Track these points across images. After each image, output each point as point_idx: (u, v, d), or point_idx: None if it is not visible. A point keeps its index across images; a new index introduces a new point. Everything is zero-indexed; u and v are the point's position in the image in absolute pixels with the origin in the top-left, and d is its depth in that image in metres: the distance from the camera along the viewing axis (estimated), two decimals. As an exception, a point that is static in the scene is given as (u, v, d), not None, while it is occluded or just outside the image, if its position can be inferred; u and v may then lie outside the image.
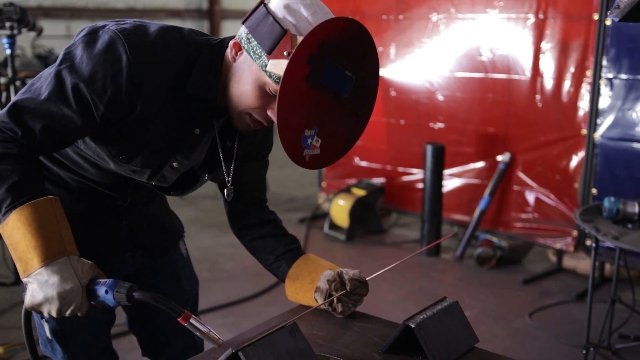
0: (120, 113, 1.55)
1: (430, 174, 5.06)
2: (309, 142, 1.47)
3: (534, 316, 4.05)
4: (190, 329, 1.47)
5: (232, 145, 1.74)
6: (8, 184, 1.50)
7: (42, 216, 1.50)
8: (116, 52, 1.50)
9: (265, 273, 2.09)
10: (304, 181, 7.46)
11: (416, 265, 4.92)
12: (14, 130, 1.52)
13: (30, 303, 1.49)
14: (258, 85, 1.52)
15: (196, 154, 1.71)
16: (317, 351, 1.59)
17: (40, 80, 1.57)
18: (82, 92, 1.51)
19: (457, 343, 1.62)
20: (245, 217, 1.95)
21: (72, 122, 1.53)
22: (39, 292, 1.48)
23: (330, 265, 1.87)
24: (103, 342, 1.98)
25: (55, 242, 1.50)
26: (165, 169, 1.68)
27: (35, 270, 1.48)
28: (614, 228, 2.97)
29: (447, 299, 1.70)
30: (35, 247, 1.48)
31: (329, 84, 1.43)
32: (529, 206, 4.91)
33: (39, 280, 1.48)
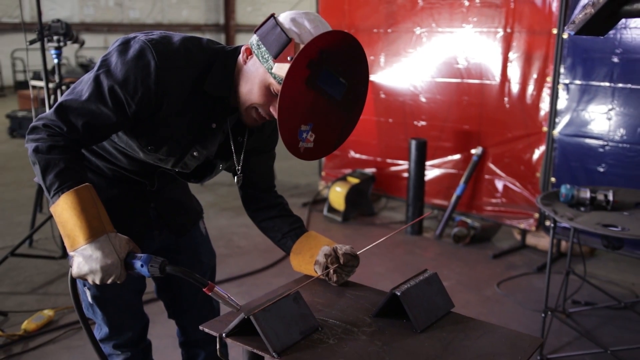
0: (149, 110, 1.55)
1: (414, 165, 5.06)
2: (304, 136, 1.48)
3: (501, 286, 4.05)
4: (213, 297, 1.48)
5: (242, 140, 1.75)
6: (56, 171, 1.51)
7: (83, 200, 1.50)
8: (145, 59, 1.50)
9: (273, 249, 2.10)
10: (306, 171, 7.45)
11: (402, 242, 4.92)
12: (60, 127, 1.52)
13: (77, 273, 1.51)
14: (264, 85, 1.52)
15: (212, 145, 1.71)
16: (317, 315, 1.59)
17: (82, 84, 1.57)
18: (117, 93, 1.51)
19: (436, 308, 1.62)
20: (257, 201, 1.95)
21: (108, 118, 1.53)
22: (84, 265, 1.49)
23: (327, 241, 1.87)
24: (136, 306, 1.99)
25: (95, 222, 1.50)
26: (187, 158, 1.68)
27: (81, 247, 1.49)
28: (569, 211, 2.97)
29: (428, 271, 1.70)
30: (80, 227, 1.48)
31: (324, 87, 1.43)
32: (498, 192, 4.91)
33: (84, 254, 1.48)
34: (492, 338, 1.51)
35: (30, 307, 3.62)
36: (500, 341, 1.50)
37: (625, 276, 4.23)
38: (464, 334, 1.54)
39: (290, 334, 1.46)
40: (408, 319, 1.57)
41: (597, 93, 4.06)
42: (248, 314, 1.41)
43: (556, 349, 3.19)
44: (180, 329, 2.19)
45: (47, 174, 1.51)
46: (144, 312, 2.06)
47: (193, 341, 2.18)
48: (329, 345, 1.46)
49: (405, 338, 1.51)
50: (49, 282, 4.02)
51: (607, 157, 4.05)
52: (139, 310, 2.02)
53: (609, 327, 3.45)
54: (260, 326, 1.41)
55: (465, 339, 1.51)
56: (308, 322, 1.52)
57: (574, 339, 3.30)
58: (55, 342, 3.25)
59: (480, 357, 1.42)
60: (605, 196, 2.99)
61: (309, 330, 1.51)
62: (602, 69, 4.00)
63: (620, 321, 3.52)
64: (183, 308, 2.11)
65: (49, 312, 3.46)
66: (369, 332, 1.54)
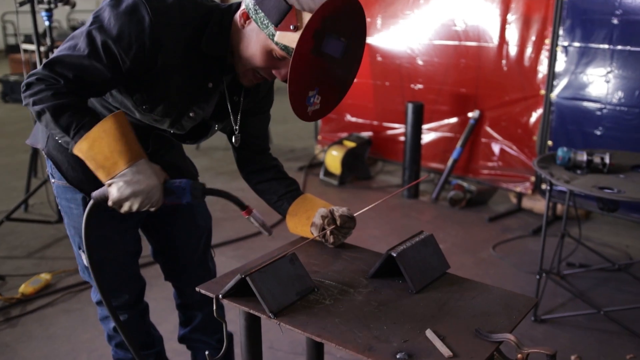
0: (144, 67, 1.53)
1: (411, 129, 5.04)
2: (312, 100, 1.51)
3: (497, 248, 4.08)
4: (251, 221, 1.62)
5: (238, 99, 1.73)
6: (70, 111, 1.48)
7: (121, 125, 1.50)
8: (139, 14, 1.48)
9: (269, 213, 2.10)
10: (302, 135, 7.43)
11: (398, 206, 4.93)
12: (55, 78, 1.49)
13: (118, 198, 1.48)
14: (266, 51, 1.52)
15: (208, 105, 1.69)
16: (312, 276, 1.60)
17: (73, 39, 1.54)
18: (111, 48, 1.48)
19: (432, 269, 1.63)
20: (252, 163, 1.94)
21: (102, 74, 1.51)
22: (126, 188, 1.47)
23: (324, 203, 1.87)
24: (132, 269, 2.00)
25: (135, 146, 1.51)
26: (184, 119, 1.67)
27: (121, 171, 1.47)
28: (565, 173, 2.97)
29: (424, 233, 1.70)
30: (120, 151, 1.47)
31: (327, 51, 1.44)
32: (495, 156, 4.91)
33: (124, 179, 1.47)
34: (487, 298, 1.53)
35: (27, 271, 3.64)
36: (495, 301, 1.51)
37: (619, 239, 4.26)
38: (459, 294, 1.55)
39: (287, 294, 1.47)
40: (404, 280, 1.58)
41: (595, 55, 4.03)
42: (244, 275, 1.42)
43: (550, 310, 3.23)
44: (177, 291, 2.21)
45: (60, 116, 1.47)
46: (140, 274, 2.07)
47: (190, 303, 2.20)
48: (325, 305, 1.48)
49: (401, 298, 1.52)
50: (45, 247, 4.03)
51: (604, 120, 4.04)
52: (135, 272, 2.03)
53: (602, 289, 3.49)
54: (256, 287, 1.42)
55: (460, 299, 1.52)
56: (304, 283, 1.53)
57: (568, 300, 3.34)
58: (53, 305, 3.28)
59: (475, 317, 1.43)
60: (602, 159, 2.99)
61: (305, 291, 1.52)
62: (601, 30, 3.96)
63: (613, 283, 3.56)
64: (179, 270, 2.13)
65: (46, 276, 3.48)
66: (365, 293, 1.55)
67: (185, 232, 2.05)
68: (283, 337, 2.90)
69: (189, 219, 2.03)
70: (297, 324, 1.39)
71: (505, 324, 1.40)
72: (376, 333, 1.35)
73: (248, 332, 1.56)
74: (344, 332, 1.35)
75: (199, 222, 2.07)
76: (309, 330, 1.37)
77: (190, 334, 2.25)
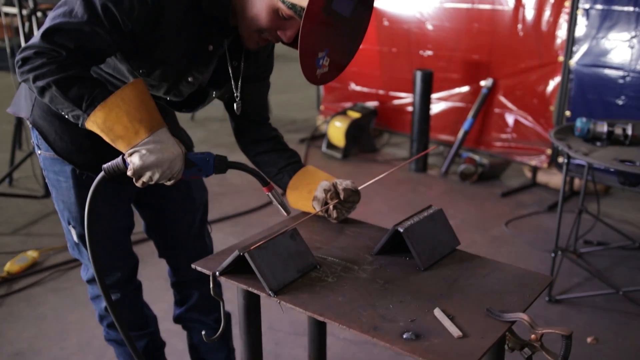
0: (146, 29, 1.52)
1: (419, 98, 5.02)
2: (321, 63, 1.52)
3: (509, 225, 4.09)
4: (270, 198, 1.64)
5: (238, 64, 1.73)
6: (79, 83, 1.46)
7: (142, 93, 1.49)
8: None
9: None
10: (303, 105, 7.40)
11: (405, 180, 4.94)
12: (56, 51, 1.46)
13: (140, 166, 1.47)
14: (272, 10, 1.51)
15: (207, 70, 1.69)
16: (315, 253, 1.61)
17: (67, 4, 1.50)
18: (112, 11, 1.47)
19: (441, 245, 1.64)
20: (250, 133, 1.94)
21: (104, 40, 1.49)
22: (149, 156, 1.46)
23: (326, 176, 1.87)
24: (124, 245, 2.01)
25: (156, 114, 1.50)
26: (182, 84, 1.67)
27: (143, 140, 1.47)
28: (584, 146, 2.96)
29: (433, 207, 1.70)
30: (141, 119, 1.47)
31: (338, 10, 1.44)
32: (508, 127, 4.90)
33: (147, 147, 1.47)
34: (499, 276, 1.54)
35: (13, 249, 3.66)
36: (508, 279, 1.52)
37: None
38: (469, 272, 1.56)
39: (287, 272, 1.48)
40: (411, 257, 1.59)
41: (619, 19, 3.99)
42: (243, 251, 1.43)
43: (566, 290, 3.25)
44: (171, 268, 2.22)
45: (69, 89, 1.45)
46: (133, 251, 2.08)
47: (186, 281, 2.21)
48: (327, 283, 1.49)
49: (408, 276, 1.53)
50: (32, 223, 4.05)
51: (627, 89, 4.01)
52: (127, 249, 2.04)
53: (621, 268, 3.50)
54: (255, 264, 1.43)
55: (470, 277, 1.53)
56: (306, 260, 1.54)
57: (584, 279, 3.36)
58: (40, 284, 3.31)
59: (486, 295, 1.44)
60: (624, 130, 2.98)
61: (306, 268, 1.53)
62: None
63: (634, 261, 3.58)
64: (174, 246, 2.13)
65: (33, 254, 3.50)
66: (370, 270, 1.56)
67: (181, 206, 2.05)
68: (283, 316, 2.92)
69: (184, 192, 2.04)
70: (299, 303, 1.40)
71: (518, 303, 1.41)
72: (382, 312, 1.36)
73: (247, 312, 1.57)
74: (347, 311, 1.36)
75: (194, 196, 2.07)
76: (310, 309, 1.38)
77: (186, 313, 2.27)
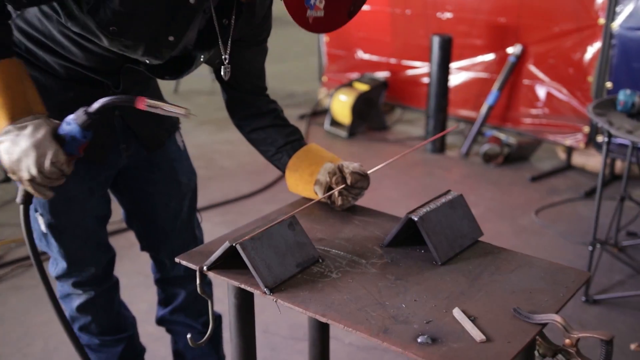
0: None
1: (437, 68, 5.01)
2: (312, 2, 1.45)
3: (540, 214, 4.10)
4: (152, 110, 1.50)
5: (228, 23, 1.70)
6: None
7: (7, 76, 1.49)
8: None
9: (263, 170, 2.11)
10: (303, 76, 7.39)
11: (420, 162, 4.94)
12: None
13: (9, 163, 1.49)
14: None
15: (191, 28, 1.66)
16: (317, 245, 1.61)
17: None
18: None
19: (461, 236, 1.64)
20: (244, 106, 1.93)
21: None
22: (13, 148, 1.48)
23: (331, 157, 1.87)
24: (99, 236, 2.01)
25: (20, 100, 1.50)
26: (161, 43, 1.62)
27: (4, 129, 1.48)
28: (628, 122, 2.95)
29: (452, 192, 1.70)
30: (2, 105, 1.48)
31: None
32: (539, 101, 4.88)
33: (9, 138, 1.48)
34: (529, 272, 1.54)
35: (-29, 241, 3.68)
36: (539, 275, 1.52)
37: (691, 203, 4.28)
38: (494, 266, 1.56)
39: (285, 266, 1.48)
40: (427, 249, 1.59)
41: (668, -25, 3.97)
42: (234, 242, 1.43)
43: (605, 289, 3.25)
44: (155, 263, 2.23)
45: None
46: (109, 244, 2.08)
47: (171, 278, 2.22)
48: (331, 279, 1.49)
49: (423, 271, 1.53)
50: (-9, 211, 4.07)
51: (677, 57, 4.00)
52: (103, 241, 2.04)
53: (668, 263, 3.51)
54: (248, 257, 1.43)
55: (495, 272, 1.53)
56: (306, 253, 1.54)
57: (627, 277, 3.37)
58: (1, 281, 3.32)
59: (513, 293, 1.44)
60: (673, 104, 2.98)
61: (307, 262, 1.53)
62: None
63: (682, 256, 3.59)
64: (159, 238, 2.14)
65: (-8, 246, 3.52)
66: (380, 265, 1.56)
67: (165, 190, 2.05)
68: (281, 318, 2.94)
69: (168, 175, 2.04)
70: (298, 302, 1.40)
71: (550, 302, 1.41)
72: (393, 312, 1.36)
73: (239, 312, 1.58)
74: (354, 312, 1.37)
75: (180, 179, 2.07)
76: (312, 308, 1.38)
77: (170, 315, 2.28)
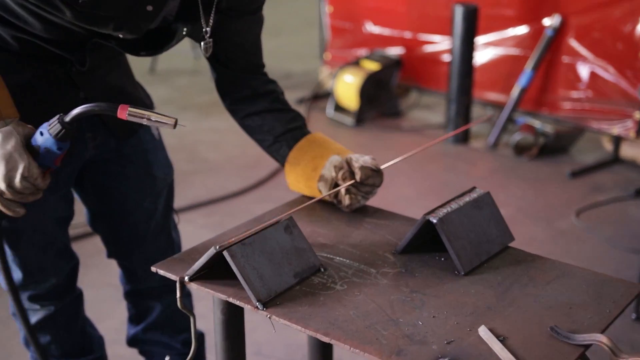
0: None
1: (460, 43, 5.00)
2: None
3: (582, 215, 4.09)
4: (135, 120, 1.51)
5: None
6: None
7: None
8: None
9: (255, 164, 2.10)
10: (302, 52, 7.39)
11: (440, 154, 4.93)
12: None
13: None
14: None
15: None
16: (318, 251, 1.62)
17: None
18: None
19: (488, 241, 1.64)
20: (238, 87, 1.93)
21: None
22: None
23: (338, 148, 1.87)
24: (60, 241, 2.01)
25: None
26: (138, 15, 1.62)
27: None
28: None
29: (477, 190, 1.70)
30: None
31: None
32: (582, 82, 4.87)
33: None
34: (569, 283, 1.54)
35: None
36: (580, 288, 1.52)
37: None
38: (527, 277, 1.56)
39: (281, 276, 1.48)
40: (447, 257, 1.59)
41: None
42: (221, 249, 1.43)
43: (658, 304, 3.25)
44: (125, 272, 2.23)
45: None
46: (72, 250, 2.08)
47: (145, 289, 2.22)
48: (335, 291, 1.49)
49: (444, 282, 1.53)
50: None
51: None
52: (64, 247, 2.04)
53: None
54: (238, 265, 1.43)
55: (529, 284, 1.53)
56: (305, 261, 1.54)
57: (682, 289, 3.36)
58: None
59: (550, 309, 1.44)
60: None
61: (306, 271, 1.53)
62: None
63: None
64: (129, 243, 2.14)
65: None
66: (392, 275, 1.56)
67: (138, 186, 2.05)
68: (275, 337, 2.94)
69: (142, 169, 2.04)
70: (296, 318, 1.40)
71: (594, 320, 1.41)
72: (408, 331, 1.36)
73: (226, 331, 1.58)
74: (361, 330, 1.37)
75: (155, 173, 2.08)
76: (312, 326, 1.38)
77: (144, 333, 2.28)
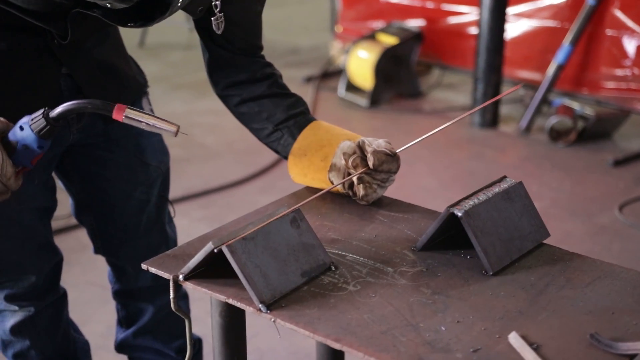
0: None
1: (488, 14, 4.99)
2: None
3: (625, 209, 4.08)
4: (132, 124, 1.52)
5: None
6: None
7: None
8: None
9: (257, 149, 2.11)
10: (310, 25, 7.38)
11: (465, 140, 4.93)
12: None
13: None
14: None
15: None
16: (328, 248, 1.62)
17: None
18: None
19: (520, 238, 1.64)
20: (233, 70, 1.92)
21: None
22: None
23: (348, 134, 1.86)
24: (41, 235, 2.02)
25: None
26: None
27: None
28: None
29: (508, 179, 1.70)
30: None
31: None
32: (628, 58, 4.85)
33: None
34: (611, 285, 1.54)
35: None
36: (624, 290, 1.52)
37: None
38: (564, 278, 1.56)
39: (286, 275, 1.49)
40: (473, 254, 1.59)
41: None
42: (219, 245, 1.43)
43: None
44: (114, 270, 2.24)
45: None
46: (54, 245, 2.09)
47: (135, 290, 2.23)
48: (347, 292, 1.49)
49: (470, 283, 1.53)
50: None
51: None
52: (46, 241, 2.05)
53: None
54: (238, 263, 1.43)
55: (566, 285, 1.53)
56: (314, 258, 1.55)
57: None
58: None
59: (590, 314, 1.44)
60: None
61: (315, 270, 1.54)
62: None
63: None
64: (119, 236, 2.15)
65: None
66: (412, 274, 1.56)
67: (128, 175, 2.06)
68: (280, 343, 2.95)
69: (133, 155, 2.05)
70: (303, 322, 1.41)
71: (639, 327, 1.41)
72: (429, 337, 1.37)
73: (225, 336, 1.58)
74: (377, 335, 1.37)
75: (147, 160, 2.08)
76: (321, 331, 1.38)
77: (134, 338, 2.29)
